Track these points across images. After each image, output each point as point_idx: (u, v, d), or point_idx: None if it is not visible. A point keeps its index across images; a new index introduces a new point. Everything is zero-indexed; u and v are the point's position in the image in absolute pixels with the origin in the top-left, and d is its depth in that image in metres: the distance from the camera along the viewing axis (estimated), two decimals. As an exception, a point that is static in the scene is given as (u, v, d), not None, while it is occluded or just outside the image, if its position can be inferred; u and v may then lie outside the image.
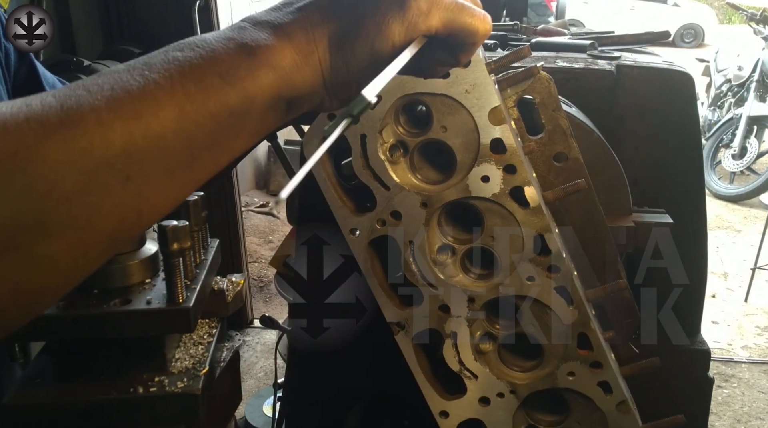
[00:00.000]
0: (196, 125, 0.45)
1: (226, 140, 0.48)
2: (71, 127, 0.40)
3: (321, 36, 0.52)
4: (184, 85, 0.45)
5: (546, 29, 1.68)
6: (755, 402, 3.07)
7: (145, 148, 0.43)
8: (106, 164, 0.41)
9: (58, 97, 0.41)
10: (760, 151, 5.97)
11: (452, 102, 0.86)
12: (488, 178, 0.88)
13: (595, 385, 0.97)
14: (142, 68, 0.45)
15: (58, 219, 0.40)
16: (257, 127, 0.50)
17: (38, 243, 0.40)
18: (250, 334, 3.65)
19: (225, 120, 0.47)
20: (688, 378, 1.30)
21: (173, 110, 0.44)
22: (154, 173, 0.44)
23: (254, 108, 0.49)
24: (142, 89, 0.43)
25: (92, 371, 0.89)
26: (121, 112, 0.42)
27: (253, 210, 5.08)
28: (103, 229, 0.43)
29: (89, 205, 0.41)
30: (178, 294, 0.85)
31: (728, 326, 3.88)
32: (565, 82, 1.21)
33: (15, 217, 0.38)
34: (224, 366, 1.00)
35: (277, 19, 0.51)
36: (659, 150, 1.28)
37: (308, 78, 0.52)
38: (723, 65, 6.71)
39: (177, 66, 0.45)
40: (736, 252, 4.90)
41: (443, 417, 1.01)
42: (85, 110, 0.41)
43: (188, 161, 0.46)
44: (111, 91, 0.42)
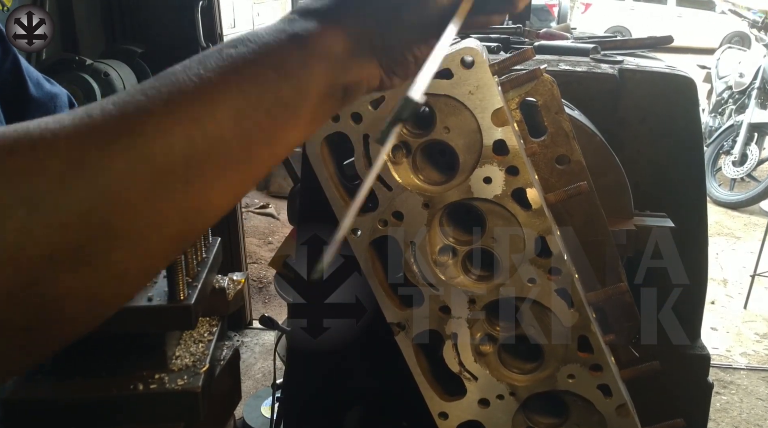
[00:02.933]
0: (252, 122, 0.45)
1: (283, 133, 0.48)
2: (132, 135, 0.40)
3: (369, 16, 0.52)
4: (239, 83, 0.45)
5: (549, 33, 1.69)
6: (753, 409, 3.06)
7: (204, 150, 0.43)
8: (168, 170, 0.41)
9: (117, 104, 0.41)
10: (761, 159, 5.97)
11: (455, 103, 0.86)
12: (490, 179, 0.88)
13: (595, 388, 0.97)
14: (197, 67, 0.45)
15: (124, 228, 0.40)
16: (314, 116, 0.50)
17: (107, 253, 0.40)
18: (248, 335, 3.64)
19: (281, 113, 0.47)
20: (688, 383, 1.30)
21: (230, 110, 0.44)
22: (214, 173, 0.44)
23: (309, 98, 0.49)
24: (198, 90, 0.43)
25: (92, 368, 0.89)
26: (178, 115, 0.42)
27: (253, 211, 5.08)
28: (167, 233, 0.43)
29: (154, 211, 0.41)
30: (179, 291, 0.85)
31: (727, 332, 3.87)
32: (568, 85, 1.21)
33: (84, 230, 0.38)
34: (224, 365, 1.00)
35: (324, 6, 0.52)
36: (661, 154, 1.28)
37: (363, 61, 0.52)
38: (724, 72, 6.72)
39: (231, 63, 0.45)
40: (736, 259, 4.90)
41: (442, 418, 1.01)
42: (143, 116, 0.41)
43: (246, 158, 0.46)
44: (168, 94, 0.43)
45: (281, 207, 5.21)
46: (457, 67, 0.84)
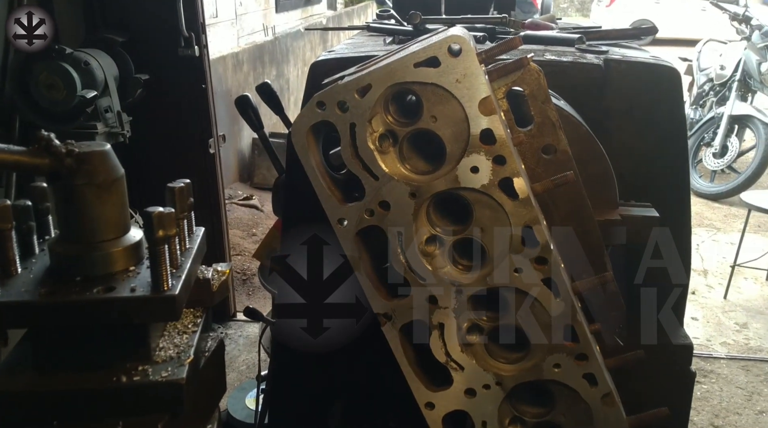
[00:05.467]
0: None
1: None
2: None
3: None
4: None
5: (534, 23, 1.68)
6: (733, 397, 3.10)
7: None
8: None
9: None
10: (741, 150, 6.05)
11: (442, 92, 0.86)
12: (477, 168, 0.88)
13: (581, 377, 0.97)
14: None
15: None
16: None
17: None
18: (232, 327, 3.63)
19: None
20: (671, 372, 1.31)
21: None
22: None
23: None
24: None
25: (75, 359, 0.87)
26: None
27: (237, 202, 5.04)
28: None
29: None
30: (163, 281, 0.83)
31: (708, 322, 3.92)
32: (554, 74, 1.21)
33: None
34: (209, 356, 0.98)
35: None
36: (646, 143, 1.28)
37: None
38: (705, 64, 6.78)
39: None
40: (716, 250, 4.96)
41: (429, 408, 1.01)
42: None
43: None
44: None
45: (265, 198, 5.17)
46: (444, 55, 0.84)
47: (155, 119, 2.94)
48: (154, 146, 3.00)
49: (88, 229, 0.87)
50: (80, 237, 0.88)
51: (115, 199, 0.88)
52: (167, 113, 3.00)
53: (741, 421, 2.92)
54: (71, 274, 0.87)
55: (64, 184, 0.85)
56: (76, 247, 0.88)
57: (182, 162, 3.10)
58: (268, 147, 1.87)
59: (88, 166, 0.84)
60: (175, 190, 0.92)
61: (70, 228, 0.89)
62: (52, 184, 0.87)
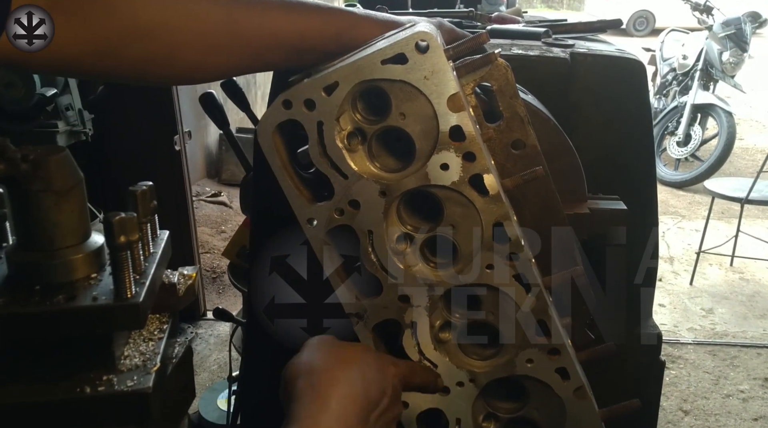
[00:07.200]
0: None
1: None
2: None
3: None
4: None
5: (500, 16, 1.68)
6: (701, 382, 3.18)
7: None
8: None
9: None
10: (704, 138, 6.17)
11: (410, 88, 0.84)
12: (447, 165, 0.87)
13: (553, 372, 0.97)
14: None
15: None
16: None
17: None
18: (203, 327, 3.58)
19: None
20: (640, 363, 1.33)
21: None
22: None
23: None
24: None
25: (35, 371, 0.84)
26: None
27: (205, 199, 4.98)
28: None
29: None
30: (126, 289, 0.81)
31: (674, 308, 4.00)
32: (521, 69, 1.20)
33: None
34: (176, 363, 0.96)
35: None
36: (612, 137, 1.29)
37: None
38: (668, 54, 6.89)
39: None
40: (682, 237, 5.06)
41: (403, 407, 1.00)
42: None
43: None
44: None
45: (234, 195, 5.11)
46: (411, 51, 0.82)
47: (118, 116, 2.88)
48: (118, 144, 2.94)
49: (47, 236, 0.84)
50: (39, 245, 0.85)
51: (74, 205, 0.85)
52: (130, 110, 2.94)
53: (708, 405, 2.99)
54: (30, 283, 0.84)
55: (21, 190, 0.82)
56: (34, 255, 0.85)
57: (147, 160, 3.04)
58: (234, 145, 1.84)
59: (44, 171, 0.81)
60: (137, 194, 0.90)
61: (28, 235, 0.86)
62: (8, 190, 0.84)
